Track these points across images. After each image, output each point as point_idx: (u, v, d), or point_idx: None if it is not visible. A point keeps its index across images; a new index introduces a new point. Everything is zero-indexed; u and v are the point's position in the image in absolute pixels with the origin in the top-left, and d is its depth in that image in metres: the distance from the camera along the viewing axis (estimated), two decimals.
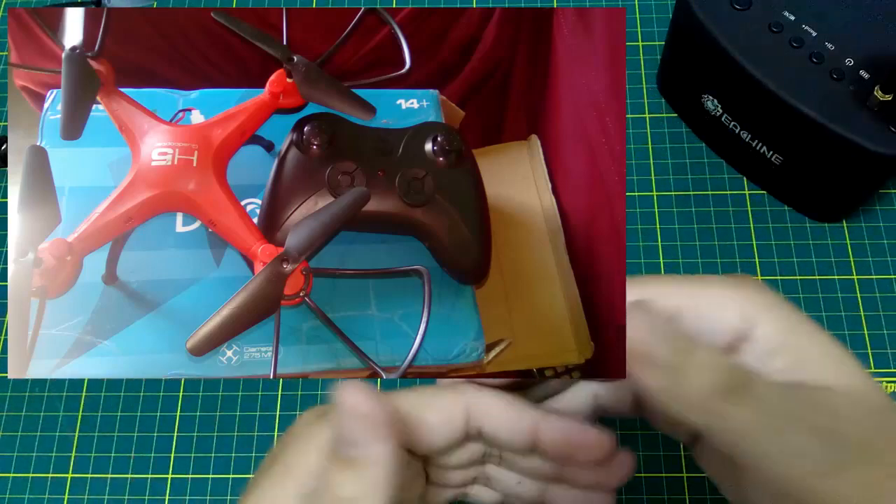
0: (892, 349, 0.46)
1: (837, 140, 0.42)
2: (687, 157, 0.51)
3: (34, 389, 0.47)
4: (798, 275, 0.48)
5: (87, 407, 0.46)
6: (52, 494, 0.44)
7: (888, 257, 0.48)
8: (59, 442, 0.45)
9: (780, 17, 0.45)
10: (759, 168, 0.48)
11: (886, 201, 0.50)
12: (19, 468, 0.45)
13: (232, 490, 0.44)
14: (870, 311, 0.46)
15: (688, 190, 0.50)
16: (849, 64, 0.43)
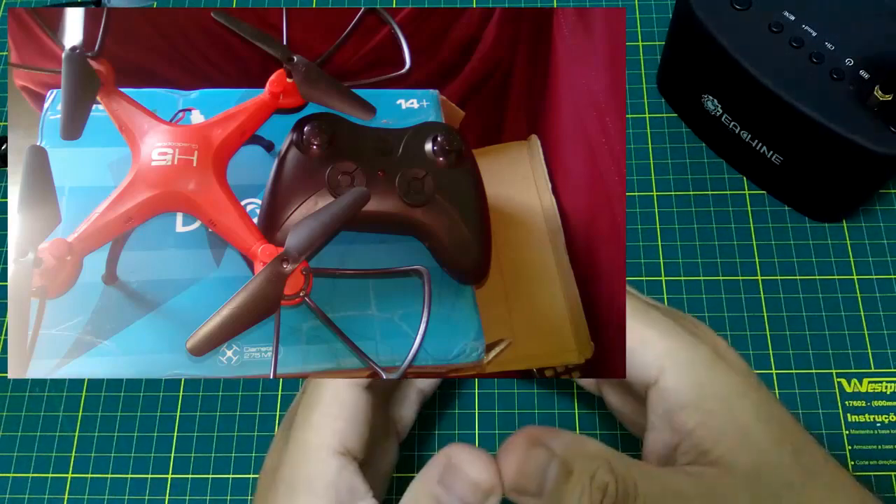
0: (892, 349, 0.46)
1: (837, 140, 0.42)
2: (687, 157, 0.51)
3: (34, 389, 0.47)
4: (798, 275, 0.48)
5: (87, 407, 0.46)
6: (52, 494, 0.44)
7: (888, 257, 0.48)
8: (59, 442, 0.45)
9: (780, 17, 0.45)
10: (759, 168, 0.48)
11: (886, 201, 0.50)
12: (19, 468, 0.45)
13: (232, 490, 0.44)
14: (870, 311, 0.47)
15: (688, 190, 0.50)
16: (849, 64, 0.43)
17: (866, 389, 0.45)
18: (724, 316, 0.47)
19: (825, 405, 0.44)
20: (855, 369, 0.45)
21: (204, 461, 0.44)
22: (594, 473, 0.25)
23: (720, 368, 0.28)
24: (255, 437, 0.45)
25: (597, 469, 0.25)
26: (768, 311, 0.47)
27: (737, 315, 0.47)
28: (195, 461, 0.45)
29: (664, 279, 0.48)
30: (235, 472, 0.44)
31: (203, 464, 0.44)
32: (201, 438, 0.45)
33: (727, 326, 0.46)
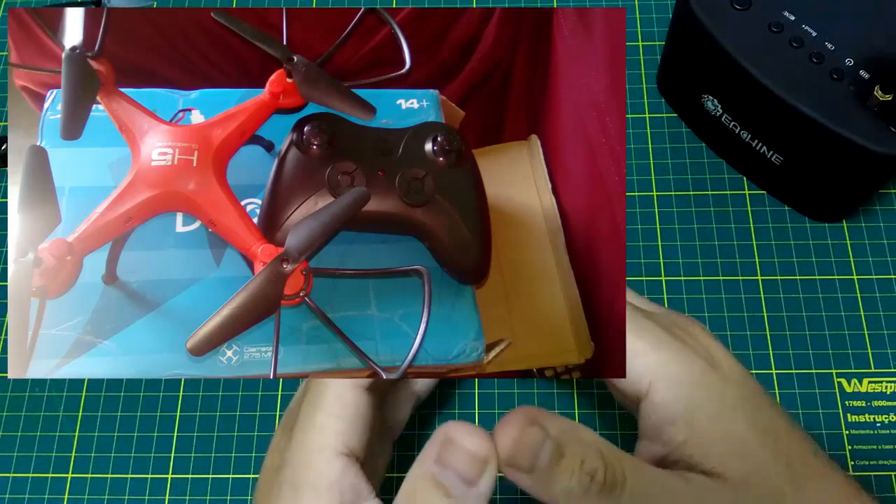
0: (892, 349, 0.46)
1: (837, 140, 0.42)
2: (687, 157, 0.51)
3: (34, 389, 0.47)
4: (798, 275, 0.48)
5: (87, 407, 0.46)
6: (52, 494, 0.44)
7: (888, 257, 0.48)
8: (59, 442, 0.45)
9: (780, 17, 0.45)
10: (759, 168, 0.48)
11: (886, 201, 0.50)
12: (19, 468, 0.45)
13: (232, 490, 0.44)
14: (870, 311, 0.47)
15: (688, 190, 0.50)
16: (849, 64, 0.43)
17: (866, 389, 0.45)
18: (724, 316, 0.47)
19: (825, 405, 0.44)
20: (855, 369, 0.45)
21: (204, 461, 0.44)
22: (585, 459, 0.26)
23: (712, 382, 0.28)
24: (255, 437, 0.45)
25: (588, 455, 0.26)
26: (768, 311, 0.47)
27: (737, 315, 0.47)
28: (195, 461, 0.45)
29: (664, 279, 0.48)
30: (235, 472, 0.44)
31: (203, 464, 0.44)
32: (201, 438, 0.45)
33: (727, 326, 0.46)
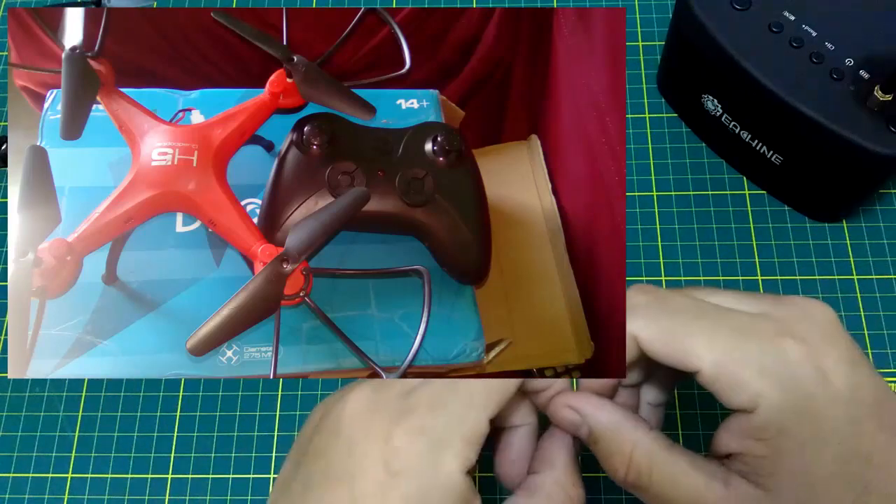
0: (892, 349, 0.46)
1: (837, 140, 0.42)
2: (687, 157, 0.51)
3: (34, 389, 0.47)
4: (798, 275, 0.48)
5: (87, 407, 0.46)
6: (52, 494, 0.44)
7: (888, 257, 0.48)
8: (59, 442, 0.45)
9: (780, 17, 0.45)
10: (759, 168, 0.48)
11: (886, 201, 0.50)
12: (19, 468, 0.45)
13: (232, 490, 0.44)
14: (870, 311, 0.46)
15: (688, 190, 0.50)
16: (849, 64, 0.43)
17: None
18: None
19: None
20: None
21: (204, 461, 0.44)
22: (613, 455, 0.29)
23: (811, 407, 0.27)
24: (255, 437, 0.45)
25: (616, 454, 0.29)
26: None
27: None
28: (195, 461, 0.45)
29: (664, 279, 0.48)
30: (235, 472, 0.44)
31: (203, 464, 0.44)
32: (201, 438, 0.45)
33: None
